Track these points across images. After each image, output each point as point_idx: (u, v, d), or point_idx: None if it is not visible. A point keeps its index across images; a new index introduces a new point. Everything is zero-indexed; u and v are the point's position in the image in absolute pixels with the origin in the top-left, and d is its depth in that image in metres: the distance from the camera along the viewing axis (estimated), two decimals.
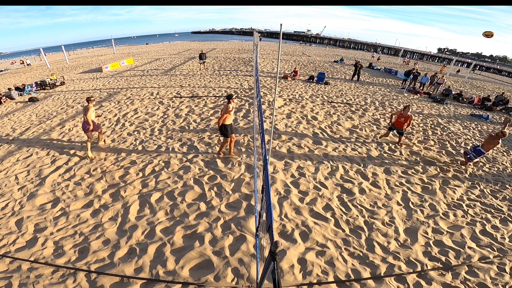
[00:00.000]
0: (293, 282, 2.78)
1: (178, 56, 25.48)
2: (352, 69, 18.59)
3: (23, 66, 28.44)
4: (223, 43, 52.68)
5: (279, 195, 4.16)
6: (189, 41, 62.44)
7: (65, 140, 6.27)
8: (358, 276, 2.89)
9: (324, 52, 38.41)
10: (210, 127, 6.79)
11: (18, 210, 3.88)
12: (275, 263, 1.40)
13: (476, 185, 4.84)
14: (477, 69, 41.91)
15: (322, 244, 3.28)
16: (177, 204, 3.93)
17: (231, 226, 3.50)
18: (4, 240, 3.34)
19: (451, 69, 26.04)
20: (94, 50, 50.34)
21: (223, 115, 4.65)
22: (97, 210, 3.84)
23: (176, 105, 8.61)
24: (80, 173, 4.80)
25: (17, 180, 4.66)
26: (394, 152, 5.87)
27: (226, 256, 3.05)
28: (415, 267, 3.04)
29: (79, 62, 25.18)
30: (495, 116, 10.23)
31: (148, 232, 3.40)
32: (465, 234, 3.60)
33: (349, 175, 4.83)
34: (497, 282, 2.90)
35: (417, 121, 8.26)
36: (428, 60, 57.62)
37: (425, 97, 12.39)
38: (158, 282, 2.75)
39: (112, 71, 17.45)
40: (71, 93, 11.39)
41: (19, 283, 2.75)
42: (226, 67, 17.02)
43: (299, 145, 5.90)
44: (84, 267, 2.92)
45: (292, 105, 8.87)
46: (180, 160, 5.15)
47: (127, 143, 5.99)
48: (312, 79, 13.62)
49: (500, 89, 19.61)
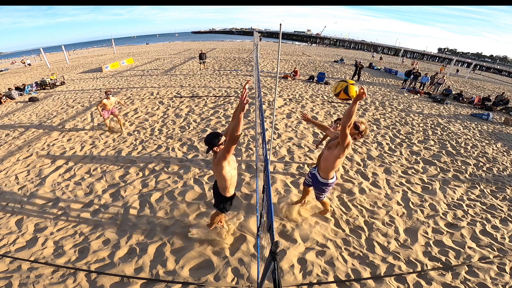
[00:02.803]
0: (293, 282, 2.78)
1: (178, 56, 25.47)
2: (352, 69, 18.59)
3: (23, 66, 28.45)
4: (223, 43, 52.66)
5: (279, 195, 4.16)
6: (189, 41, 62.41)
7: (65, 140, 6.27)
8: (358, 276, 2.89)
9: (324, 52, 38.40)
10: (210, 127, 6.79)
11: (18, 210, 3.89)
12: (275, 263, 1.40)
13: (476, 185, 4.83)
14: (477, 69, 41.89)
15: (322, 244, 3.28)
16: (177, 204, 3.93)
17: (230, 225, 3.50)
18: (4, 240, 3.35)
19: (451, 69, 26.04)
20: (94, 50, 50.34)
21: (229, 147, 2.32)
22: (97, 210, 3.84)
23: (176, 105, 8.62)
24: (80, 173, 4.80)
25: (17, 180, 4.67)
26: (394, 152, 5.87)
27: (226, 256, 3.04)
28: (415, 267, 3.04)
29: (79, 62, 25.18)
30: (495, 116, 10.23)
31: (148, 232, 3.40)
32: (465, 234, 3.60)
33: (349, 175, 4.83)
34: (497, 282, 2.90)
35: (417, 121, 8.26)
36: (428, 60, 57.62)
37: (425, 97, 12.39)
38: (158, 282, 2.75)
39: (112, 71, 17.45)
40: (71, 93, 11.39)
41: (19, 283, 2.75)
42: (226, 67, 17.02)
43: (299, 145, 5.90)
44: (84, 267, 2.92)
45: (292, 105, 8.86)
46: (180, 160, 5.15)
47: (127, 143, 5.99)
48: (312, 79, 13.62)
49: (500, 89, 19.61)
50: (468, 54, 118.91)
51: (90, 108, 8.65)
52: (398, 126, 7.56)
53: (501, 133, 8.11)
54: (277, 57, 2.33)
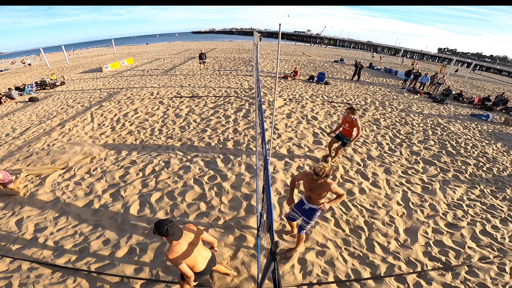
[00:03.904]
0: (293, 282, 2.78)
1: (178, 56, 25.47)
2: (352, 69, 18.58)
3: (23, 66, 28.45)
4: (223, 42, 52.66)
5: (279, 195, 4.16)
6: (189, 41, 62.41)
7: (65, 140, 6.27)
8: (358, 276, 2.89)
9: (324, 52, 38.40)
10: (210, 127, 6.79)
11: (18, 210, 3.89)
12: (275, 263, 1.40)
13: (476, 185, 4.83)
14: (477, 69, 41.89)
15: (322, 244, 3.28)
16: (177, 204, 3.93)
17: (231, 226, 3.50)
18: (4, 240, 3.35)
19: (451, 69, 26.04)
20: (94, 50, 50.35)
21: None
22: (97, 210, 3.84)
23: (176, 105, 8.61)
24: (80, 173, 4.80)
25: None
26: (394, 152, 5.87)
27: (226, 256, 3.04)
28: (415, 267, 3.04)
29: (79, 62, 25.19)
30: (495, 116, 10.23)
31: (148, 232, 3.40)
32: (465, 234, 3.60)
33: (349, 175, 4.83)
34: (497, 282, 2.90)
35: (417, 121, 8.25)
36: (428, 60, 57.63)
37: (425, 97, 12.39)
38: (158, 282, 2.75)
39: (112, 71, 17.45)
40: (71, 93, 11.39)
41: (19, 283, 2.75)
42: (226, 67, 17.02)
43: (299, 145, 5.90)
44: (84, 267, 2.93)
45: (292, 105, 8.86)
46: (180, 160, 5.15)
47: (127, 143, 5.99)
48: (312, 79, 13.62)
49: (500, 89, 19.61)
50: (468, 54, 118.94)
51: (90, 108, 8.65)
52: (398, 126, 7.56)
53: (501, 133, 8.10)
54: (277, 57, 2.32)
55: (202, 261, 2.16)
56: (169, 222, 1.95)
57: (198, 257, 2.10)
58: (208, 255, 2.25)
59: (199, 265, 2.13)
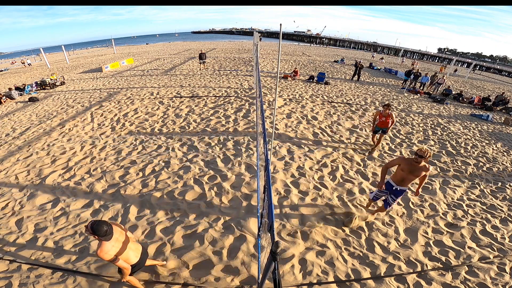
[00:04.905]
0: (293, 282, 2.79)
1: (178, 56, 25.46)
2: (352, 69, 18.59)
3: (23, 66, 28.45)
4: (223, 42, 52.65)
5: (279, 195, 4.16)
6: (189, 41, 62.41)
7: (65, 140, 6.27)
8: (358, 276, 2.89)
9: (324, 52, 38.39)
10: (210, 127, 6.79)
11: (18, 210, 3.89)
12: (275, 263, 1.40)
13: (476, 185, 4.83)
14: (477, 69, 41.88)
15: (322, 244, 3.28)
16: (177, 204, 3.93)
17: (231, 226, 3.50)
18: (4, 240, 3.35)
19: (451, 69, 26.04)
20: (94, 50, 50.35)
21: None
22: (97, 210, 3.84)
23: (176, 105, 8.61)
24: (80, 173, 4.80)
25: (17, 180, 4.67)
26: (394, 152, 5.87)
27: (226, 256, 3.04)
28: (415, 267, 3.04)
29: (79, 62, 25.18)
30: (495, 116, 10.23)
31: (148, 232, 3.40)
32: (465, 234, 3.60)
33: (349, 175, 4.83)
34: (497, 282, 2.90)
35: (417, 121, 8.26)
36: (428, 60, 57.63)
37: (425, 97, 12.39)
38: (158, 283, 2.75)
39: (112, 71, 17.44)
40: (71, 93, 11.39)
41: (19, 283, 2.75)
42: (226, 67, 17.01)
43: (299, 145, 5.90)
44: (84, 267, 2.92)
45: (292, 105, 8.86)
46: (180, 160, 5.15)
47: (127, 143, 5.99)
48: (312, 79, 13.62)
49: (500, 89, 19.60)
50: (468, 54, 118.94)
51: (90, 108, 8.65)
52: (398, 126, 7.56)
53: (501, 133, 8.11)
54: (277, 57, 2.32)
55: (135, 254, 2.35)
56: (106, 223, 2.07)
57: (129, 252, 2.28)
58: (139, 248, 2.45)
59: (132, 259, 2.32)
